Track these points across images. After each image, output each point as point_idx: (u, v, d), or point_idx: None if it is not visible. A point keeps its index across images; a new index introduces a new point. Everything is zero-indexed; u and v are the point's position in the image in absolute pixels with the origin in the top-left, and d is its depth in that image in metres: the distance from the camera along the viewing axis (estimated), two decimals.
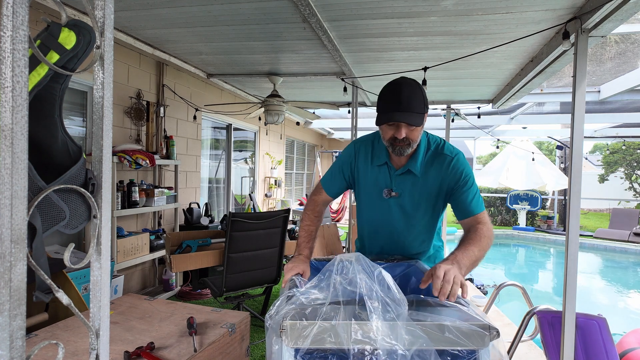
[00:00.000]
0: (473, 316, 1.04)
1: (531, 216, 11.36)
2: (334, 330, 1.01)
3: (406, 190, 1.52)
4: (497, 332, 1.01)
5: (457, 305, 1.09)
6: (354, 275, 1.16)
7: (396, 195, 1.52)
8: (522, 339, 2.22)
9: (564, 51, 2.82)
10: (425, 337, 1.00)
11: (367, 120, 6.95)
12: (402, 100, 1.33)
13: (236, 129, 6.10)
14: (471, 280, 5.05)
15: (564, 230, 2.19)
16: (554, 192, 11.66)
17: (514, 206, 10.94)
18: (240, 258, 3.01)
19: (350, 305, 1.07)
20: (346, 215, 8.58)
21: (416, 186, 1.50)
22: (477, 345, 1.01)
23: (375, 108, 1.45)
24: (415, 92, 1.36)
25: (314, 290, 1.19)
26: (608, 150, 14.65)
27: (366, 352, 1.00)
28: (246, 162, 6.78)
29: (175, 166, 4.14)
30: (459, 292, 1.10)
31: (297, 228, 4.37)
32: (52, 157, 0.81)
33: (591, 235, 9.57)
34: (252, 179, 6.86)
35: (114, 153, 3.30)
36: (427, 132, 1.54)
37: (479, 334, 1.01)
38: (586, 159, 17.86)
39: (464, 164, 1.47)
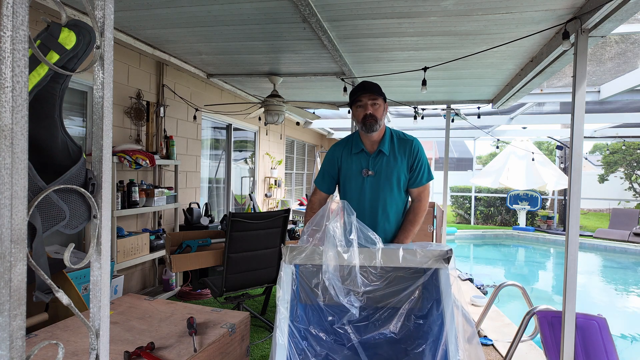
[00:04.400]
0: (434, 245, 1.42)
1: (531, 216, 11.36)
2: (324, 250, 1.34)
3: (381, 169, 1.97)
4: (451, 250, 1.38)
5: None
6: (343, 217, 1.52)
7: (372, 174, 1.97)
8: (522, 339, 2.22)
9: (564, 51, 2.82)
10: (396, 258, 1.34)
11: None
12: (364, 86, 1.94)
13: (236, 129, 6.10)
14: (471, 280, 5.05)
15: (564, 230, 2.20)
16: (554, 192, 11.65)
17: (514, 206, 10.94)
18: (240, 258, 3.01)
19: (339, 233, 1.42)
20: None
21: (388, 165, 1.96)
22: (437, 265, 1.34)
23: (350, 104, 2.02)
24: (373, 83, 1.95)
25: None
26: (608, 150, 14.64)
27: (349, 267, 1.33)
28: (246, 162, 6.78)
29: (175, 166, 4.14)
30: None
31: (297, 228, 4.38)
32: (52, 157, 0.81)
33: (591, 235, 9.57)
34: (252, 179, 6.86)
35: (114, 153, 3.30)
36: (390, 127, 2.06)
37: (437, 256, 1.36)
38: (586, 159, 17.86)
39: (420, 145, 2.02)
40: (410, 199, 2.09)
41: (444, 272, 1.35)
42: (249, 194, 6.18)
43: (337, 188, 2.20)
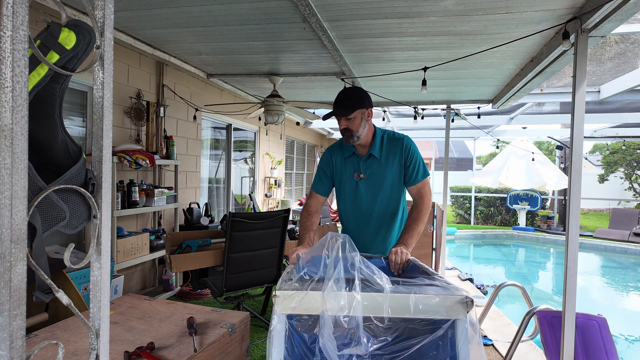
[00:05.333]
0: (450, 290, 1.17)
1: (531, 216, 11.35)
2: (322, 297, 1.13)
3: (373, 171, 1.97)
4: (472, 301, 1.14)
5: (434, 282, 1.25)
6: (343, 254, 1.32)
7: (364, 177, 1.98)
8: (522, 339, 2.22)
9: (564, 51, 2.82)
10: (407, 306, 1.13)
11: None
12: (338, 102, 1.89)
13: (236, 129, 6.10)
14: (471, 280, 5.06)
15: (564, 230, 2.20)
16: (554, 192, 11.65)
17: (514, 206, 10.94)
18: (240, 258, 3.01)
19: (340, 279, 1.20)
20: None
21: (380, 167, 1.96)
22: (454, 315, 1.13)
23: None
24: (350, 95, 1.90)
25: (310, 267, 1.38)
26: (608, 150, 14.64)
27: (351, 321, 1.12)
28: (246, 162, 6.78)
29: (175, 166, 4.14)
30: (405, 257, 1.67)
31: (297, 228, 4.38)
32: (52, 157, 0.81)
33: (591, 235, 9.57)
34: (252, 179, 6.86)
35: (114, 153, 3.30)
36: (380, 128, 2.02)
37: (455, 304, 1.13)
38: (586, 159, 17.85)
39: (412, 142, 1.99)
40: (411, 199, 2.05)
41: (462, 324, 1.11)
42: (249, 194, 6.18)
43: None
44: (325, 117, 1.97)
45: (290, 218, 6.25)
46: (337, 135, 10.91)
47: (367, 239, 2.03)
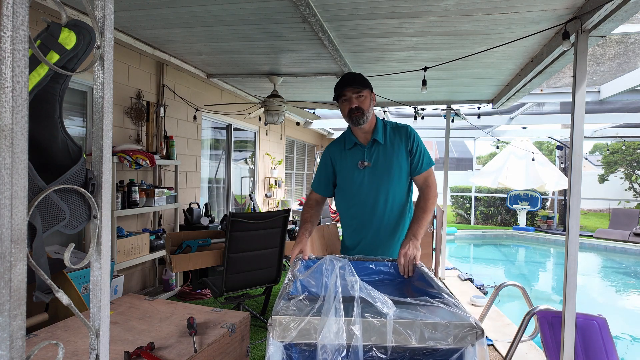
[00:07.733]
0: (459, 315, 1.08)
1: (531, 216, 11.35)
2: (320, 326, 1.06)
3: (378, 159, 1.89)
4: (482, 331, 1.04)
5: (443, 305, 1.13)
6: (343, 276, 1.27)
7: (369, 165, 1.88)
8: (522, 339, 2.22)
9: (564, 51, 2.82)
10: (410, 335, 1.05)
11: None
12: (346, 79, 1.83)
13: (236, 129, 6.09)
14: (471, 280, 5.05)
15: (564, 230, 2.20)
16: (554, 192, 11.65)
17: (514, 206, 10.94)
18: (240, 258, 3.01)
19: (339, 303, 1.12)
20: None
21: (386, 154, 1.88)
22: (462, 344, 1.03)
23: (337, 100, 1.90)
24: (356, 75, 1.85)
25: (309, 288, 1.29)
26: (608, 150, 14.64)
27: (352, 349, 1.04)
28: (246, 162, 6.78)
29: (175, 166, 4.14)
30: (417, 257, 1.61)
31: (297, 228, 4.38)
32: (52, 157, 0.81)
33: (591, 236, 9.56)
34: (252, 179, 6.86)
35: (114, 153, 3.30)
36: (381, 119, 1.96)
37: (464, 333, 1.03)
38: (586, 159, 17.85)
39: (415, 131, 1.94)
40: (417, 188, 1.97)
41: (470, 355, 1.03)
42: (249, 194, 6.18)
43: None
44: (336, 96, 1.88)
45: (290, 218, 6.25)
46: (337, 135, 10.92)
47: (371, 238, 1.92)
